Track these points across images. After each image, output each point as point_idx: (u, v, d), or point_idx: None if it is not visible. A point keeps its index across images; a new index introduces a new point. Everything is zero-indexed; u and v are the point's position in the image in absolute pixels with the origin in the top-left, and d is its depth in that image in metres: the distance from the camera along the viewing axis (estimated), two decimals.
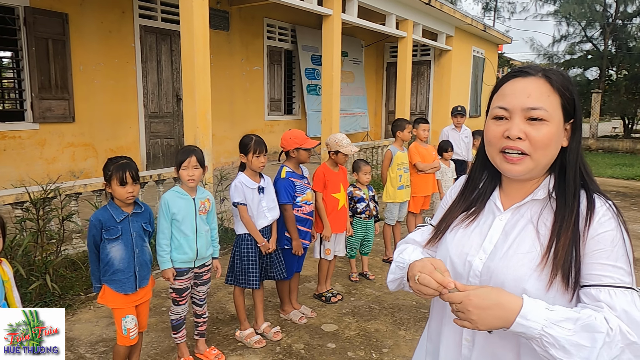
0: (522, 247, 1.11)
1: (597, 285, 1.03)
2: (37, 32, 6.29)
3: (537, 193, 1.17)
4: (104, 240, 2.50)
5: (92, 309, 3.79)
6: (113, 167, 2.47)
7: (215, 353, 3.11)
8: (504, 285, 1.08)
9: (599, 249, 1.05)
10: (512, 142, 1.11)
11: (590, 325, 0.96)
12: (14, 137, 6.28)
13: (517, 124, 1.10)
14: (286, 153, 3.57)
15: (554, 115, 1.10)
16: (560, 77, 1.13)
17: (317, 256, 3.98)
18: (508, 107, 1.12)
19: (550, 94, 1.11)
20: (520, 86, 1.12)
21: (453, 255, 1.22)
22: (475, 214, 1.26)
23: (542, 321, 0.97)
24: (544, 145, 1.10)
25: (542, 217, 1.14)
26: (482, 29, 13.28)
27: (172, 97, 8.28)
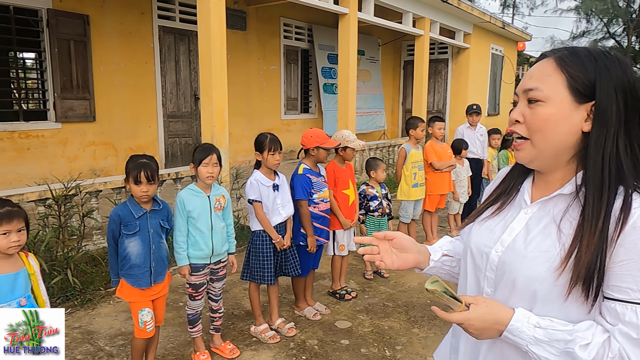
0: (542, 245, 1.04)
1: (623, 301, 0.94)
2: (60, 34, 6.45)
3: (566, 188, 1.07)
4: (122, 235, 2.57)
5: (111, 303, 3.88)
6: (131, 166, 2.55)
7: (231, 347, 3.16)
8: (515, 282, 1.05)
9: (629, 259, 0.93)
10: (513, 125, 1.10)
11: (570, 353, 0.95)
12: (37, 136, 6.45)
13: (518, 107, 1.09)
14: (305, 151, 3.63)
15: (553, 95, 1.03)
16: (572, 56, 1.04)
17: (331, 253, 4.01)
18: (517, 90, 1.12)
19: (553, 73, 1.04)
20: (532, 70, 1.10)
21: (472, 246, 1.19)
22: (504, 205, 1.20)
23: (528, 339, 0.99)
24: (538, 128, 1.04)
25: (568, 215, 1.03)
26: (501, 26, 13.13)
27: (190, 96, 8.39)
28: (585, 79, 1.01)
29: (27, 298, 2.08)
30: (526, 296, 1.03)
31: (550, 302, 1.00)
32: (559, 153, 1.06)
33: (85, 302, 3.81)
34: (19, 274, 2.07)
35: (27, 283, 2.10)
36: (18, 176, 6.20)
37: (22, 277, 2.08)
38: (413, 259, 1.25)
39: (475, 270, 1.18)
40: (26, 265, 2.11)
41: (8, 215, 2.00)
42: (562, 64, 1.04)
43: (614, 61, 1.02)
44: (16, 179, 6.16)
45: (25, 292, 2.08)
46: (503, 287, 1.09)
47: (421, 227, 5.61)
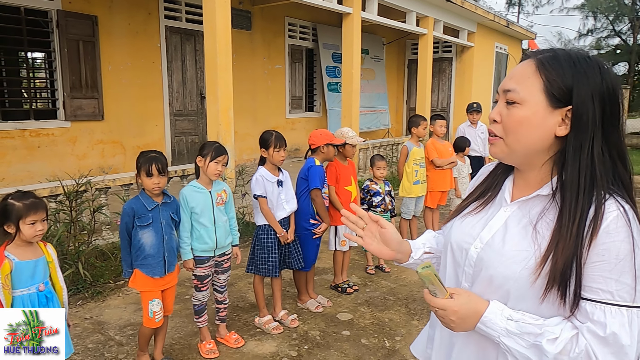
0: (519, 245, 1.07)
1: (593, 300, 0.98)
2: (69, 34, 6.59)
3: (544, 189, 1.09)
4: (136, 227, 2.70)
5: (120, 296, 4.01)
6: (142, 160, 2.67)
7: (235, 337, 3.28)
8: (492, 278, 1.09)
9: (601, 261, 0.97)
10: (491, 124, 1.14)
11: (538, 346, 1.00)
12: (47, 134, 6.60)
13: (498, 106, 1.12)
14: (313, 150, 3.76)
15: (528, 98, 1.05)
16: (552, 60, 1.05)
17: (333, 248, 4.12)
18: (498, 90, 1.15)
19: (531, 76, 1.06)
20: (514, 71, 1.11)
21: (453, 241, 1.22)
22: (485, 203, 1.23)
23: (500, 330, 1.04)
24: (512, 129, 1.08)
25: (545, 217, 1.06)
26: (505, 24, 13.16)
27: (196, 95, 8.52)
28: (562, 84, 1.02)
29: (45, 284, 2.22)
30: (500, 292, 1.08)
31: (523, 300, 1.04)
32: (531, 155, 1.09)
33: (96, 294, 3.94)
34: (39, 262, 2.20)
35: (45, 270, 2.23)
36: (29, 174, 6.35)
37: (41, 264, 2.21)
38: (388, 254, 1.31)
39: (454, 265, 1.22)
40: (45, 254, 2.24)
41: (34, 206, 2.14)
42: (541, 67, 1.05)
43: (594, 67, 1.02)
44: (27, 176, 6.31)
45: (44, 278, 2.22)
46: (480, 283, 1.13)
47: (422, 224, 5.70)
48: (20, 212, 2.15)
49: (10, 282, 2.13)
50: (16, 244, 2.19)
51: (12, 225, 2.16)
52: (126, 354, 3.13)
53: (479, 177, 1.35)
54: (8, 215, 2.16)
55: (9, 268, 2.12)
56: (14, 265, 2.15)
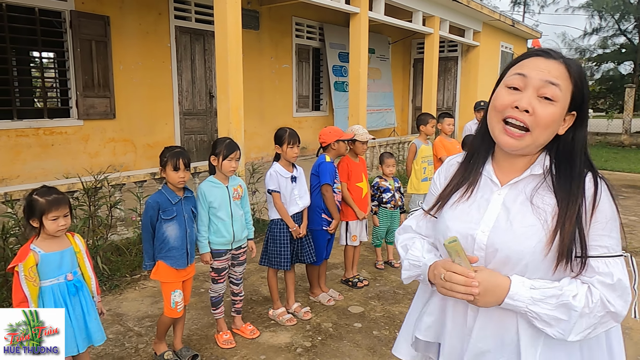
0: (525, 221, 1.17)
1: (595, 256, 1.15)
2: (82, 34, 6.71)
3: (534, 168, 1.22)
4: (160, 220, 2.80)
5: (137, 289, 4.12)
6: (169, 154, 2.77)
7: (251, 329, 3.37)
8: (509, 258, 1.17)
9: (596, 222, 1.15)
10: (519, 113, 1.14)
11: (566, 304, 1.12)
12: (60, 132, 6.72)
13: (529, 96, 1.14)
14: (325, 147, 3.85)
15: (563, 99, 1.15)
16: (578, 68, 1.17)
17: (344, 243, 4.21)
18: (527, 74, 1.15)
19: (566, 79, 1.15)
20: (542, 64, 1.16)
21: (453, 229, 1.26)
22: (471, 188, 1.29)
23: (527, 300, 1.13)
24: (547, 124, 1.15)
25: (539, 194, 1.20)
26: (511, 24, 13.22)
27: (205, 94, 8.63)
28: (581, 93, 1.17)
29: (73, 274, 2.31)
30: (519, 268, 1.17)
31: (538, 270, 1.16)
32: (542, 146, 1.21)
33: (113, 287, 4.05)
34: (65, 252, 2.30)
35: (73, 260, 2.33)
36: (43, 171, 6.47)
37: (68, 254, 2.31)
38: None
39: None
40: (72, 244, 2.34)
41: (56, 202, 2.23)
42: (572, 73, 1.16)
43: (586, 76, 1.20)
44: (41, 174, 6.44)
45: (71, 268, 2.31)
46: (495, 264, 1.20)
47: None
48: (43, 208, 2.23)
49: (37, 274, 2.22)
50: (42, 237, 2.28)
51: (37, 220, 2.25)
52: (145, 343, 3.23)
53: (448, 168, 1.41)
54: (33, 210, 2.24)
55: (33, 261, 2.21)
56: (40, 257, 2.23)
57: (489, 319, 1.23)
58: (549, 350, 1.19)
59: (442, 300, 1.34)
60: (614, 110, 20.22)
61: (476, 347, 1.24)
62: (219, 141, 3.18)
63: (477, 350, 1.24)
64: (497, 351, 1.23)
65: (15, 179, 6.26)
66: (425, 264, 1.31)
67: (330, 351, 3.18)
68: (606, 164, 11.76)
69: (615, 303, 1.13)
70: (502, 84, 1.22)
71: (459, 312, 1.29)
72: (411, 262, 1.36)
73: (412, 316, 1.50)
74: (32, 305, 2.17)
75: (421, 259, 1.34)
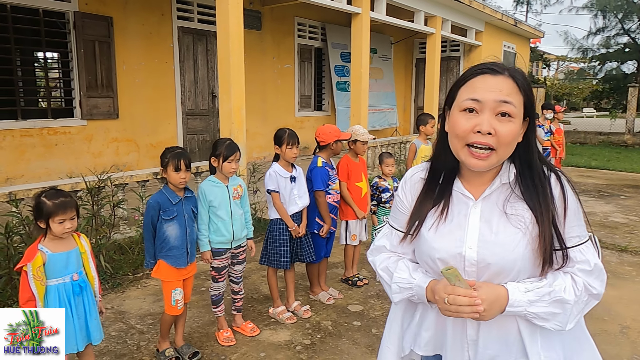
0: (507, 231, 1.23)
1: (571, 247, 1.24)
2: (85, 35, 6.77)
3: (503, 177, 1.28)
4: (161, 220, 2.84)
5: (139, 287, 4.17)
6: (170, 155, 2.81)
7: (251, 327, 3.42)
8: (503, 268, 1.22)
9: (568, 215, 1.24)
10: (482, 137, 1.17)
11: (560, 299, 1.21)
12: (64, 132, 6.79)
13: (488, 119, 1.17)
14: (321, 146, 3.87)
15: (519, 113, 1.20)
16: (523, 77, 1.23)
17: (343, 242, 4.25)
18: (481, 99, 1.18)
19: (517, 93, 1.20)
20: (491, 82, 1.19)
21: (440, 250, 1.29)
22: (446, 207, 1.32)
23: (525, 304, 1.20)
24: (509, 142, 1.19)
25: (510, 202, 1.26)
26: (513, 23, 13.22)
27: (207, 94, 8.69)
28: (530, 101, 1.23)
29: (79, 274, 2.36)
30: (511, 275, 1.23)
31: (525, 270, 1.24)
32: (504, 159, 1.26)
33: (116, 285, 4.10)
34: (71, 253, 2.35)
35: (78, 260, 2.38)
36: (47, 171, 6.54)
37: (74, 255, 2.36)
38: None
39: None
40: (78, 245, 2.38)
41: (63, 206, 2.27)
42: (520, 85, 1.21)
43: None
44: (45, 173, 6.50)
45: (77, 268, 2.36)
46: (488, 275, 1.25)
47: None
48: (50, 211, 2.26)
49: (44, 273, 2.27)
50: (49, 238, 2.33)
51: (43, 221, 2.29)
52: (147, 341, 3.28)
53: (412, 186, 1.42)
54: (40, 212, 2.28)
55: (41, 261, 2.25)
56: (47, 257, 2.28)
57: (491, 326, 1.28)
58: (546, 339, 1.30)
59: (439, 316, 1.35)
60: (617, 110, 20.19)
61: (485, 354, 1.30)
62: (219, 142, 3.21)
63: (487, 356, 1.30)
64: (505, 353, 1.30)
65: (19, 178, 6.32)
66: (418, 286, 1.33)
67: (329, 349, 3.23)
68: (608, 163, 11.75)
69: (596, 285, 1.24)
70: (455, 108, 1.25)
71: (458, 324, 1.33)
72: (401, 286, 1.37)
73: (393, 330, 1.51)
74: (39, 303, 2.22)
75: (411, 281, 1.35)
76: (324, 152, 3.89)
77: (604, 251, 5.29)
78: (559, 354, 1.30)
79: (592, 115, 25.09)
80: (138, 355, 3.12)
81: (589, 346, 1.37)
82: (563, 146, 8.51)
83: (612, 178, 10.13)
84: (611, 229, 6.19)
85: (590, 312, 1.32)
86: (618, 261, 5.01)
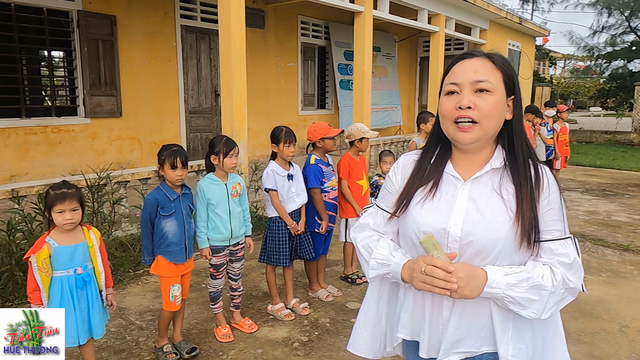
0: (495, 212, 1.26)
1: (553, 239, 1.28)
2: (89, 34, 6.82)
3: (494, 162, 1.32)
4: (159, 217, 2.87)
5: (139, 284, 4.20)
6: (166, 153, 2.83)
7: (249, 323, 3.44)
8: (484, 247, 1.25)
9: (550, 208, 1.28)
10: (463, 111, 1.25)
11: (537, 285, 1.23)
12: (68, 130, 6.84)
13: (467, 96, 1.26)
14: (313, 144, 3.89)
15: (498, 87, 1.27)
16: (500, 58, 1.31)
17: (343, 240, 4.26)
18: (458, 82, 1.28)
19: (493, 70, 1.28)
20: (467, 65, 1.29)
21: (425, 225, 1.31)
22: (435, 186, 1.36)
23: (503, 286, 1.22)
24: (490, 113, 1.25)
25: (503, 185, 1.30)
26: (518, 21, 13.16)
27: (210, 93, 8.72)
28: (510, 78, 1.30)
29: (83, 268, 2.39)
30: (491, 257, 1.26)
31: (507, 255, 1.27)
32: (493, 135, 1.31)
33: (116, 282, 4.13)
34: (78, 246, 2.38)
35: (85, 254, 2.40)
36: (51, 168, 6.60)
37: (80, 249, 2.38)
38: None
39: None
40: (86, 239, 2.41)
41: (62, 197, 2.30)
42: (498, 64, 1.29)
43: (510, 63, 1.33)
44: (49, 171, 6.56)
45: (82, 262, 2.39)
46: (469, 254, 1.27)
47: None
48: (51, 201, 2.30)
49: (49, 265, 2.30)
50: (56, 230, 2.36)
51: (47, 212, 2.33)
52: (146, 337, 3.31)
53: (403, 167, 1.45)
54: (45, 203, 2.34)
55: (47, 253, 2.29)
56: (53, 249, 2.31)
57: (464, 308, 1.30)
58: (517, 330, 1.31)
59: (419, 298, 1.37)
60: (623, 109, 20.02)
61: (454, 335, 1.31)
62: (216, 140, 3.22)
63: (454, 338, 1.31)
64: (473, 337, 1.31)
65: (23, 176, 6.38)
66: (396, 263, 1.35)
67: (326, 346, 3.24)
68: (614, 162, 11.68)
69: (573, 279, 1.27)
70: (442, 94, 1.34)
71: (436, 304, 1.34)
72: (378, 261, 1.39)
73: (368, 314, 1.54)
74: (43, 294, 2.26)
75: (390, 258, 1.37)
76: (316, 149, 3.90)
77: (605, 250, 5.28)
78: (528, 348, 1.32)
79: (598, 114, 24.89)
80: (137, 351, 3.15)
81: (560, 345, 1.39)
82: (569, 145, 8.44)
83: (617, 177, 10.07)
84: (614, 228, 6.16)
85: (590, 310, 1.36)
86: (619, 260, 4.99)
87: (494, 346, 1.31)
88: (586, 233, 5.90)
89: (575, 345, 3.22)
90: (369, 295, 1.55)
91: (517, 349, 1.30)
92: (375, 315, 1.54)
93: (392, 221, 1.44)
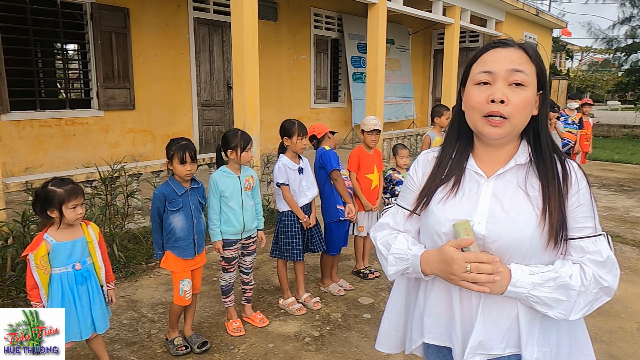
0: (520, 209, 1.21)
1: (583, 237, 1.22)
2: (102, 26, 6.83)
3: (519, 158, 1.27)
4: (167, 212, 2.85)
5: (152, 277, 4.21)
6: (175, 147, 2.80)
7: (261, 317, 3.43)
8: (510, 246, 1.20)
9: (580, 204, 1.22)
10: (496, 105, 1.18)
11: (565, 285, 1.17)
12: (82, 123, 6.88)
13: (501, 88, 1.18)
14: (320, 139, 3.86)
15: (531, 82, 1.21)
16: (534, 50, 1.24)
17: (351, 233, 4.21)
18: (493, 70, 1.20)
19: (529, 63, 1.21)
20: (502, 54, 1.21)
21: (447, 222, 1.27)
22: (457, 183, 1.31)
23: (528, 286, 1.17)
24: (522, 109, 1.19)
25: (529, 181, 1.25)
26: (535, 13, 12.92)
27: (223, 85, 8.70)
28: (543, 72, 1.24)
29: (82, 263, 2.38)
30: (519, 256, 1.21)
31: (535, 254, 1.21)
32: (520, 131, 1.26)
33: (129, 274, 4.15)
34: (77, 242, 2.37)
35: (84, 250, 2.40)
36: (65, 161, 6.64)
37: (79, 244, 2.37)
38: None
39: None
40: (85, 234, 2.40)
41: (74, 192, 2.30)
42: (531, 55, 1.22)
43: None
44: (63, 163, 6.61)
45: (81, 257, 2.38)
46: (494, 253, 1.21)
47: None
48: (63, 198, 2.29)
49: (48, 262, 2.29)
50: (61, 226, 2.35)
51: (55, 210, 2.31)
52: (158, 329, 3.31)
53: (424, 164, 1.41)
54: (51, 201, 2.30)
55: (45, 250, 2.28)
56: (52, 246, 2.30)
57: (491, 307, 1.25)
58: (543, 333, 1.27)
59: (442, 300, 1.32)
60: None
61: (479, 335, 1.27)
62: (230, 135, 3.18)
63: (480, 339, 1.27)
64: (498, 338, 1.27)
65: (38, 168, 6.44)
66: (414, 255, 1.31)
67: (337, 341, 3.21)
68: (632, 157, 11.45)
69: (607, 278, 1.20)
70: (469, 84, 1.26)
71: (466, 308, 1.29)
72: (396, 257, 1.35)
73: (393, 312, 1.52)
74: (42, 291, 2.25)
75: (408, 252, 1.33)
76: (325, 142, 3.87)
77: (623, 247, 5.17)
78: (552, 351, 1.27)
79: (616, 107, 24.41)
80: (148, 343, 3.15)
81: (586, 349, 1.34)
82: (590, 140, 8.23)
83: (636, 172, 9.87)
84: (632, 224, 6.03)
85: (607, 309, 1.30)
86: (638, 257, 4.88)
87: (517, 348, 1.27)
88: (604, 229, 5.78)
89: (593, 345, 3.14)
90: (394, 293, 1.54)
91: (542, 352, 1.25)
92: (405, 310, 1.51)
93: (413, 219, 1.40)
